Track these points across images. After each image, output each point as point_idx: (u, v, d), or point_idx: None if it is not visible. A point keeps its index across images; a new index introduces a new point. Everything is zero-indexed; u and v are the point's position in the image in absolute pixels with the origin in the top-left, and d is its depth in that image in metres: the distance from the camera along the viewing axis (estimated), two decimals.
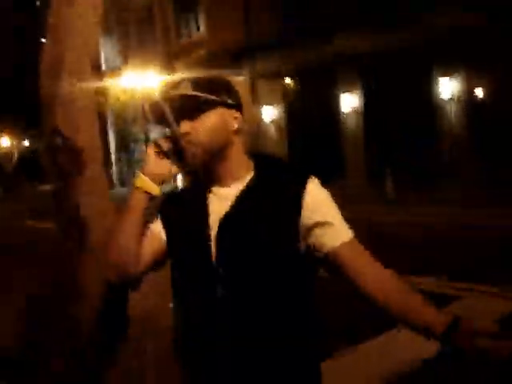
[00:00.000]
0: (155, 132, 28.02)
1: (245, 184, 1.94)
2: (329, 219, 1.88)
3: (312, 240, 1.87)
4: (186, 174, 2.00)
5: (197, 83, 1.89)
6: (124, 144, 26.97)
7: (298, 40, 16.97)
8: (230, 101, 1.93)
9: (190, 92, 1.86)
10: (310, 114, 20.52)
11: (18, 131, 46.61)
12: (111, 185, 33.99)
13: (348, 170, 18.71)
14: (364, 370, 5.03)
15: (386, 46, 16.74)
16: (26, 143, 51.10)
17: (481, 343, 1.66)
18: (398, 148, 17.73)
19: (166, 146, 1.94)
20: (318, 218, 1.87)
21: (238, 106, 1.96)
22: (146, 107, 1.88)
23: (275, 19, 21.15)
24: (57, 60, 1.99)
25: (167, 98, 1.91)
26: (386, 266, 1.92)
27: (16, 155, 48.89)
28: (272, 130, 21.92)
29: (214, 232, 1.90)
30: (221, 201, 1.94)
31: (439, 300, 6.50)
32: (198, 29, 27.41)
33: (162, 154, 1.94)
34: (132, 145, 26.69)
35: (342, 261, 1.85)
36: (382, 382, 4.62)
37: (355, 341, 5.59)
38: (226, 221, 1.90)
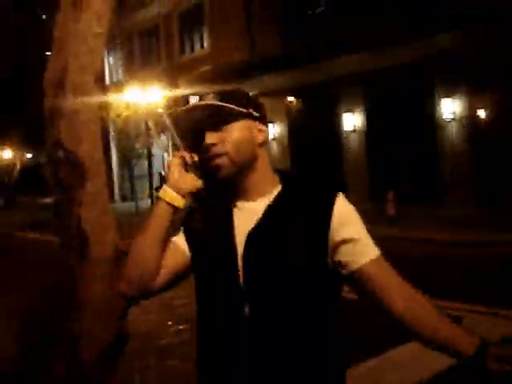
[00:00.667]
0: (175, 145, 28.12)
1: (271, 199, 1.91)
2: (356, 236, 1.86)
3: (338, 257, 1.85)
4: (210, 188, 1.98)
5: (223, 95, 1.87)
6: (126, 159, 26.98)
7: (300, 58, 17.01)
8: (255, 113, 1.91)
9: (218, 102, 1.84)
10: (312, 132, 20.55)
11: (20, 143, 46.69)
12: (112, 200, 34.03)
13: (350, 189, 18.72)
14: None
15: (389, 66, 16.80)
16: (29, 155, 51.20)
17: (508, 368, 1.69)
18: (399, 167, 17.73)
19: (189, 158, 1.93)
20: (345, 234, 1.85)
21: (262, 119, 1.95)
22: (167, 120, 1.87)
23: (278, 38, 21.26)
24: (61, 73, 1.98)
25: (193, 108, 1.89)
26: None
27: (18, 167, 48.94)
28: (274, 147, 21.94)
29: (240, 248, 1.87)
30: (246, 216, 1.91)
31: None
32: (202, 45, 27.56)
33: (186, 166, 1.93)
34: (134, 160, 26.69)
35: (369, 278, 1.84)
36: None
37: (374, 353, 5.61)
38: (253, 238, 1.87)
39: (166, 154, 30.30)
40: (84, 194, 1.99)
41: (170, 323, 7.38)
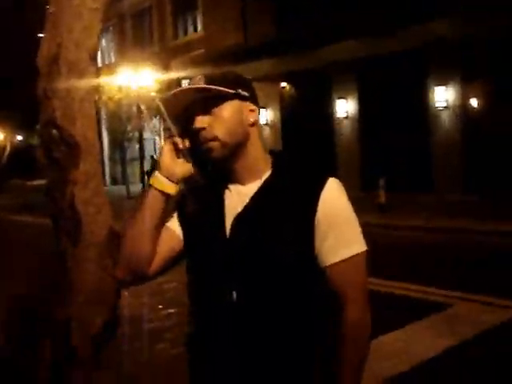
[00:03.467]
0: (168, 130, 28.01)
1: (261, 182, 1.88)
2: (336, 228, 1.81)
3: (316, 248, 1.82)
4: (202, 172, 1.94)
5: (210, 77, 1.84)
6: (117, 143, 26.86)
7: (294, 43, 16.94)
8: (244, 93, 1.87)
9: (204, 85, 1.80)
10: (305, 118, 20.51)
11: (10, 125, 46.45)
12: (104, 183, 33.91)
13: (341, 176, 18.65)
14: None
15: (383, 52, 16.76)
16: (19, 138, 50.96)
17: None
18: (391, 155, 17.74)
19: (181, 143, 1.88)
20: (326, 224, 1.81)
21: (252, 98, 1.91)
22: (160, 104, 1.83)
23: (272, 23, 21.16)
24: (55, 49, 1.94)
25: (180, 93, 1.84)
26: (379, 273, 1.89)
27: (8, 149, 48.70)
28: (267, 132, 21.88)
29: (228, 232, 1.86)
30: (237, 199, 1.89)
31: (430, 308, 6.55)
32: (196, 29, 27.40)
33: (177, 151, 1.88)
34: (126, 144, 26.57)
35: (333, 279, 1.82)
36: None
37: None
38: (240, 221, 1.85)
39: (157, 138, 30.22)
40: (78, 173, 1.95)
41: (160, 307, 7.36)
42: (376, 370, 4.79)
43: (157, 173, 1.89)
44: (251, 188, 1.88)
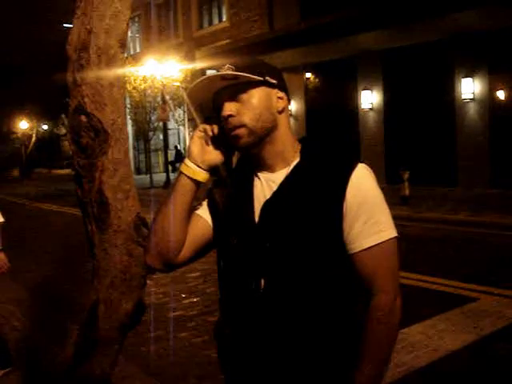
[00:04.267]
0: (192, 119, 28.15)
1: (289, 169, 1.88)
2: (364, 215, 1.79)
3: (345, 235, 1.81)
4: (228, 160, 1.95)
5: (238, 65, 1.83)
6: (142, 132, 26.97)
7: (319, 34, 16.86)
8: (272, 80, 1.87)
9: (232, 72, 1.79)
10: (330, 109, 20.44)
11: (36, 115, 46.89)
12: None
13: None
14: None
15: (409, 43, 16.64)
16: (45, 127, 51.42)
17: None
18: (416, 147, 17.63)
19: (210, 130, 1.89)
20: (355, 210, 1.79)
21: (281, 86, 1.91)
22: (185, 93, 1.85)
23: (297, 13, 21.08)
24: (85, 36, 1.95)
25: (207, 80, 1.84)
26: (402, 265, 1.88)
27: (34, 139, 49.18)
28: (291, 123, 21.80)
29: (257, 217, 1.87)
30: (266, 186, 1.90)
31: (453, 301, 6.51)
32: (221, 19, 27.38)
33: (208, 139, 1.90)
34: (150, 134, 26.68)
35: (363, 265, 1.81)
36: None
37: None
38: (268, 208, 1.86)
39: (181, 128, 30.31)
40: (106, 160, 1.96)
41: (183, 296, 7.40)
42: (395, 363, 4.79)
43: (187, 160, 1.90)
44: (280, 175, 1.89)
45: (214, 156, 1.90)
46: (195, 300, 7.19)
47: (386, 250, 1.79)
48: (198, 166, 1.88)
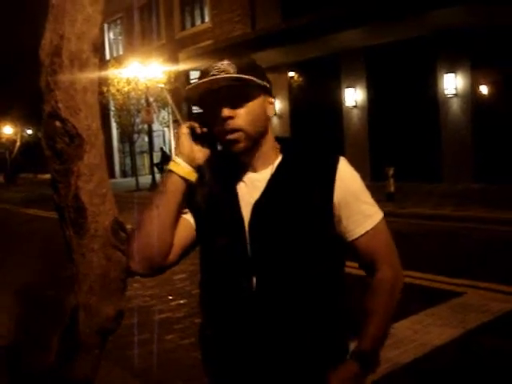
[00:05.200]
0: (176, 121, 28.10)
1: (274, 168, 1.90)
2: (356, 204, 1.89)
3: (339, 225, 1.89)
4: (212, 160, 1.92)
5: (239, 66, 1.81)
6: (126, 135, 26.89)
7: (302, 33, 16.87)
8: (268, 85, 1.89)
9: (245, 76, 1.78)
10: (313, 107, 20.48)
11: (20, 119, 46.61)
12: (113, 176, 34.04)
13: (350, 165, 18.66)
14: None
15: (391, 40, 16.69)
16: (29, 132, 51.12)
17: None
18: (400, 144, 17.69)
19: (199, 129, 1.87)
20: (347, 201, 1.87)
21: (271, 91, 1.93)
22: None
23: (279, 11, 21.09)
24: (58, 41, 1.95)
25: (215, 81, 1.80)
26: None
27: (18, 143, 48.89)
28: (276, 122, 21.87)
29: (246, 220, 1.86)
30: (250, 187, 1.90)
31: (439, 296, 6.55)
32: (203, 20, 27.36)
33: (195, 137, 1.87)
34: (135, 136, 26.60)
35: (364, 248, 1.91)
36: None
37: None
38: (259, 208, 1.86)
39: (166, 130, 30.25)
40: (82, 165, 1.96)
41: (170, 298, 7.40)
42: (382, 359, 4.81)
43: (177, 158, 1.86)
44: (264, 174, 1.90)
45: (201, 155, 1.88)
46: (182, 302, 7.18)
47: (380, 229, 1.93)
48: (189, 164, 1.86)
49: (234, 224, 1.87)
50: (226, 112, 1.80)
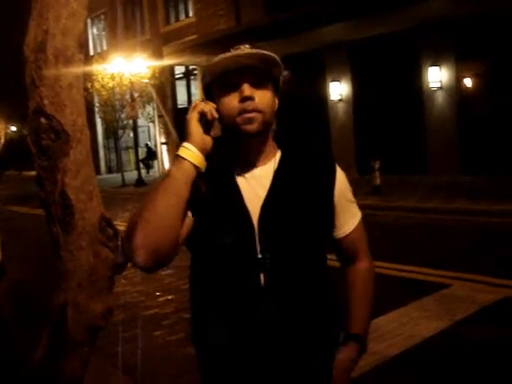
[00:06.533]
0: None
1: (275, 165, 1.90)
2: (349, 204, 2.03)
3: (336, 221, 2.00)
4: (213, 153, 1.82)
5: (262, 51, 1.81)
6: (112, 131, 26.73)
7: (286, 27, 16.85)
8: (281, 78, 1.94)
9: (273, 55, 1.82)
10: (299, 101, 20.47)
11: (4, 116, 46.29)
12: (99, 172, 33.88)
13: (337, 159, 18.68)
14: None
15: (375, 34, 16.71)
16: (13, 128, 50.79)
17: None
18: (386, 137, 17.74)
19: (210, 114, 1.78)
20: (343, 201, 2.00)
21: (278, 87, 1.96)
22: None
23: (263, 5, 21.06)
24: (42, 37, 1.93)
25: (244, 56, 1.77)
26: (375, 254, 2.19)
27: (2, 140, 48.56)
28: None
29: (254, 217, 1.83)
30: (253, 183, 1.87)
31: (426, 288, 6.58)
32: (187, 14, 27.25)
33: (203, 123, 1.77)
34: (120, 132, 26.45)
35: (351, 241, 2.06)
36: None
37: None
38: (268, 206, 1.84)
39: (151, 125, 30.16)
40: (68, 161, 1.94)
41: (157, 294, 7.39)
42: (369, 351, 4.83)
43: (188, 144, 1.75)
44: (265, 170, 1.88)
45: (209, 142, 1.79)
46: (170, 298, 7.17)
47: (361, 227, 2.08)
48: (200, 151, 1.76)
49: (240, 220, 1.83)
50: (248, 91, 1.76)
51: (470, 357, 4.87)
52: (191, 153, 1.73)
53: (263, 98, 1.80)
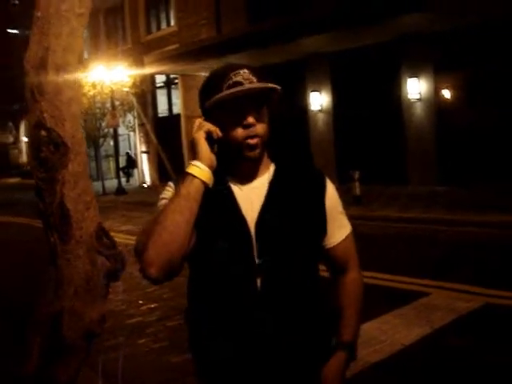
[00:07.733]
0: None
1: (269, 178, 2.01)
2: (339, 215, 2.12)
3: (327, 231, 2.08)
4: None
5: (260, 76, 1.93)
6: (92, 139, 26.61)
7: (266, 37, 16.95)
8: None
9: (275, 86, 1.92)
10: (279, 110, 20.54)
11: None
12: None
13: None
14: None
15: (356, 45, 16.86)
16: None
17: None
18: (366, 147, 17.87)
19: (215, 134, 1.90)
20: (333, 213, 2.09)
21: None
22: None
23: (244, 16, 21.16)
24: (43, 53, 2.00)
25: (254, 90, 1.88)
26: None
27: None
28: None
29: (251, 227, 1.92)
30: (251, 192, 1.98)
31: (405, 297, 6.68)
32: (169, 23, 27.27)
33: (209, 142, 1.90)
34: (100, 140, 26.35)
35: (342, 251, 2.14)
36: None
37: None
38: (265, 216, 1.94)
39: (132, 134, 30.08)
40: (67, 173, 2.01)
41: (140, 302, 7.41)
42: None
43: (199, 163, 1.86)
44: (261, 182, 2.00)
45: (214, 159, 1.91)
46: (153, 306, 7.20)
47: (351, 237, 2.18)
48: (208, 167, 1.88)
49: (237, 228, 1.93)
50: (251, 119, 1.89)
51: (450, 364, 4.97)
52: (201, 171, 1.85)
53: (262, 123, 1.94)
